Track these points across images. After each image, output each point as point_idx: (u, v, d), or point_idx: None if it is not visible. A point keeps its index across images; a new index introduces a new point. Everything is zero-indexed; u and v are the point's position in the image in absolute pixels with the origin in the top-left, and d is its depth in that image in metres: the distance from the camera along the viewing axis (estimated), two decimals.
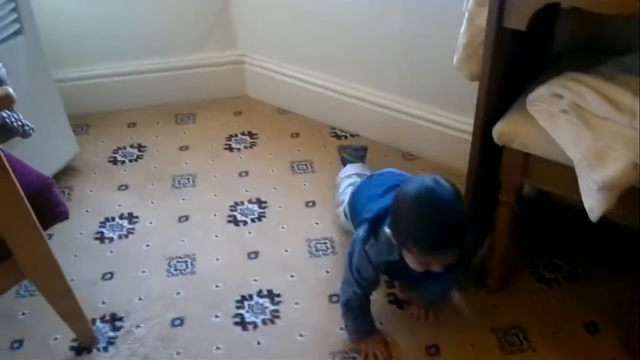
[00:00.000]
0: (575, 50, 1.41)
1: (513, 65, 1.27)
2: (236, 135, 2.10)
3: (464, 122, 1.73)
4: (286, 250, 1.63)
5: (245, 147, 2.05)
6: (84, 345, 1.39)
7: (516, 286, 1.49)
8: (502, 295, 1.47)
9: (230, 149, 2.05)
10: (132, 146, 2.07)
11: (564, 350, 1.35)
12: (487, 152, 1.28)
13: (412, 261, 1.17)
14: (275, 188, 1.86)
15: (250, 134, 2.10)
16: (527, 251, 1.58)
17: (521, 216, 1.33)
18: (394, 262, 1.23)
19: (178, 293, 1.52)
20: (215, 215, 1.76)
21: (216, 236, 1.69)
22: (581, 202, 1.10)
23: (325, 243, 1.64)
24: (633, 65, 1.19)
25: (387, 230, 1.19)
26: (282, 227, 1.71)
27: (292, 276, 1.55)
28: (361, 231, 1.29)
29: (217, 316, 1.45)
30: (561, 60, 1.33)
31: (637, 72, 1.16)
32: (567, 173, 1.12)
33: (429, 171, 1.87)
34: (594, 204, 1.05)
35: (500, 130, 1.20)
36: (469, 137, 1.30)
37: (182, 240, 1.68)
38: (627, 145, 1.04)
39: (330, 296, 1.49)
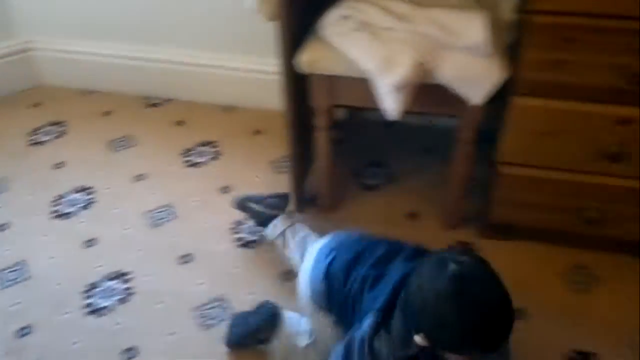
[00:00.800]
0: None
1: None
2: (40, 128, 1.94)
3: (273, 64, 1.77)
4: (125, 229, 1.58)
5: (55, 137, 1.91)
6: None
7: (346, 199, 1.64)
8: (336, 211, 1.60)
9: (37, 143, 1.89)
10: None
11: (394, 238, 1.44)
12: (298, 86, 1.35)
13: (456, 357, 0.98)
14: (98, 171, 1.77)
15: (56, 123, 1.96)
16: (348, 167, 1.73)
17: (336, 138, 1.43)
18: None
19: (17, 303, 1.40)
20: (37, 215, 1.63)
21: (44, 235, 1.58)
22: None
23: (164, 211, 1.61)
24: None
25: (417, 339, 0.95)
26: (116, 208, 1.64)
27: (139, 250, 1.52)
28: (368, 323, 1.03)
29: (66, 312, 1.37)
30: None
31: None
32: (367, 86, 1.23)
33: (251, 120, 1.92)
34: (391, 104, 1.17)
35: (302, 60, 1.28)
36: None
37: (7, 250, 1.54)
38: (410, 47, 1.17)
39: (179, 257, 1.49)
